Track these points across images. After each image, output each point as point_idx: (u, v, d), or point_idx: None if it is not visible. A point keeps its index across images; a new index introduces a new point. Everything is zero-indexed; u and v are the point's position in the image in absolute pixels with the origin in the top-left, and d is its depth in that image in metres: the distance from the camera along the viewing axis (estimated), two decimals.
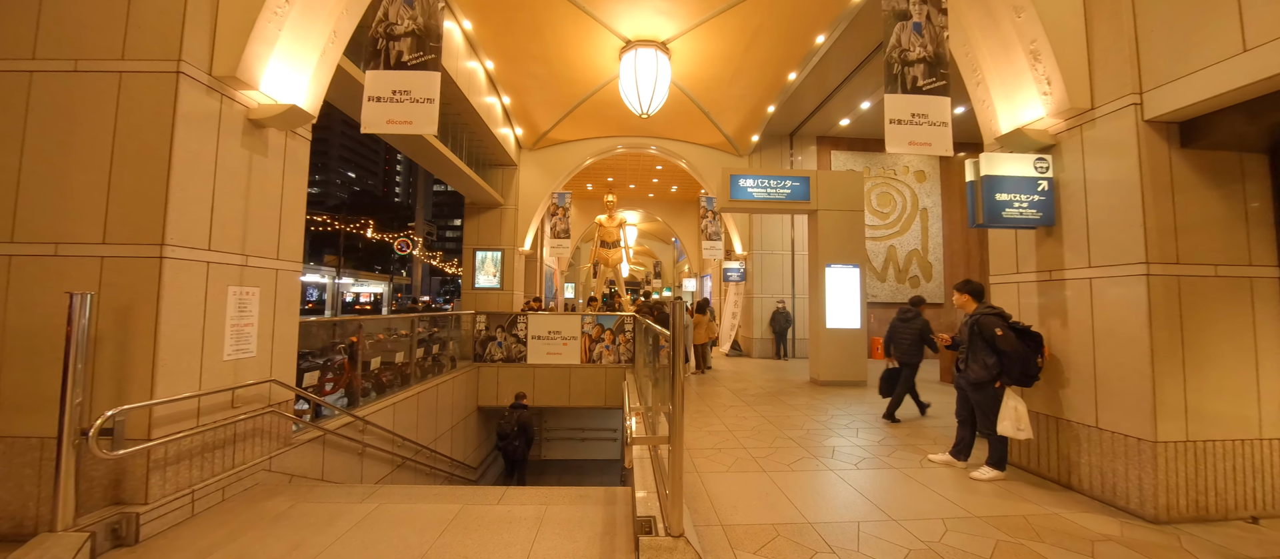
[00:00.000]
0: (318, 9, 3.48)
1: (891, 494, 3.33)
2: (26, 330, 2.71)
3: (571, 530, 2.76)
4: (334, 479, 4.25)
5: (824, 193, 8.00)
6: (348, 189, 65.47)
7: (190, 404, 2.92)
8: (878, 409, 5.97)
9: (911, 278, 12.39)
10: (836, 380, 7.65)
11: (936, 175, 12.71)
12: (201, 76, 2.99)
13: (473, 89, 9.18)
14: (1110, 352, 3.21)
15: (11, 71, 2.82)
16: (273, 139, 3.56)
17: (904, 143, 3.84)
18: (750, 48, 8.54)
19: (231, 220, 3.21)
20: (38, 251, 2.75)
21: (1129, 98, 3.14)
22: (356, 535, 2.71)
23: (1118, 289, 3.17)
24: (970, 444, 3.85)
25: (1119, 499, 3.11)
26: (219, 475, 3.10)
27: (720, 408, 6.09)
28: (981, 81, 4.08)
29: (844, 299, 7.83)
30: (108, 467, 2.66)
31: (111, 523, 2.52)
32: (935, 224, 12.58)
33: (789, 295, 12.23)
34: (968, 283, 3.88)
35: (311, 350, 4.73)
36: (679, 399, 2.28)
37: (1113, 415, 3.18)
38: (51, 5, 2.88)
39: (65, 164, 2.79)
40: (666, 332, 2.70)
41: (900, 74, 3.92)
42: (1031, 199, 3.66)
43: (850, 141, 12.53)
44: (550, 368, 8.62)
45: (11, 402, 2.69)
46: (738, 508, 3.08)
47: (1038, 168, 3.69)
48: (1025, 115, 3.76)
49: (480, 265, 12.52)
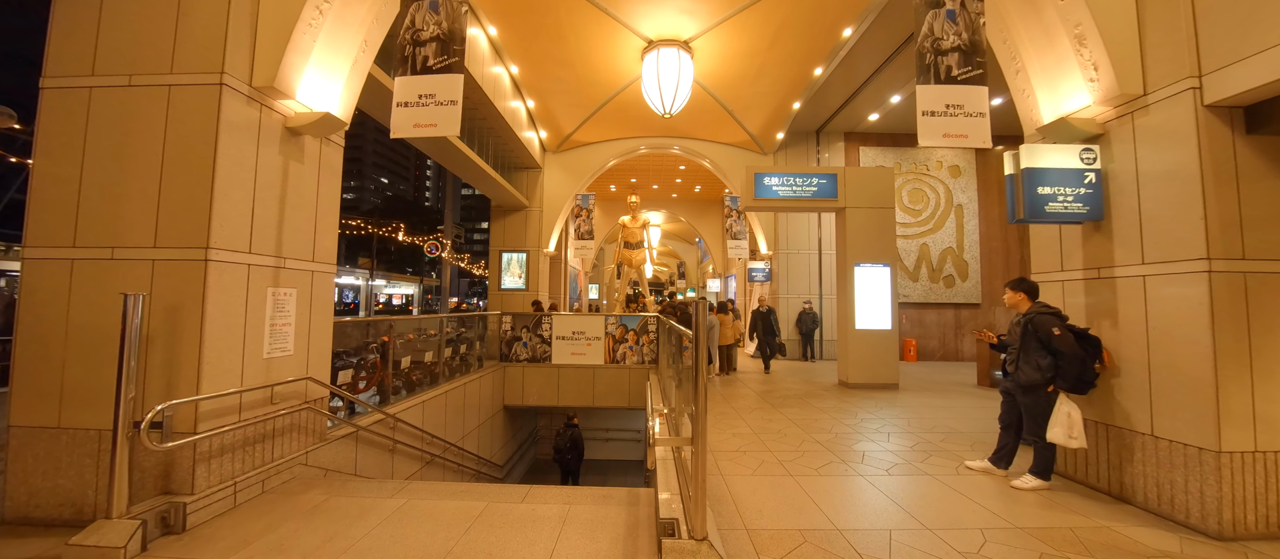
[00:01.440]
0: (349, 20, 3.60)
1: (926, 501, 3.20)
2: (87, 329, 2.90)
3: (594, 531, 2.76)
4: (366, 474, 4.39)
5: (852, 190, 7.79)
6: (381, 194, 67.80)
7: (233, 400, 3.06)
8: (912, 413, 5.77)
9: (945, 277, 11.94)
10: (866, 383, 7.43)
11: (972, 170, 12.21)
12: (242, 87, 3.13)
13: (498, 94, 9.35)
14: (1167, 355, 2.99)
15: (74, 88, 3.03)
16: (308, 146, 3.70)
17: (938, 135, 3.69)
18: (774, 43, 8.40)
19: (270, 224, 3.35)
20: (96, 255, 2.94)
21: (1186, 82, 2.93)
22: (386, 530, 2.78)
23: (1175, 287, 2.95)
24: (1013, 452, 3.66)
25: (1178, 513, 2.89)
26: (259, 468, 3.24)
27: (745, 410, 6.00)
28: (1021, 70, 3.88)
29: (874, 299, 7.60)
30: (158, 458, 2.81)
31: (161, 512, 2.66)
32: (971, 221, 12.08)
33: (816, 296, 11.98)
34: (1021, 281, 3.68)
35: (345, 350, 4.90)
36: (702, 400, 2.25)
37: (1171, 423, 2.96)
38: (109, 25, 3.08)
39: (120, 173, 2.97)
40: (690, 332, 2.67)
41: (933, 64, 3.77)
42: (1077, 192, 3.46)
43: (879, 137, 12.17)
44: (574, 368, 8.68)
45: (74, 396, 2.88)
46: (763, 512, 3.02)
47: (1084, 159, 3.48)
48: (1069, 104, 3.55)
49: (506, 267, 12.73)
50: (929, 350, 11.76)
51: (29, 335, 2.92)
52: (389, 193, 69.74)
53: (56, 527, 2.79)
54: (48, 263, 2.95)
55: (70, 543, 2.36)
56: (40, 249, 2.96)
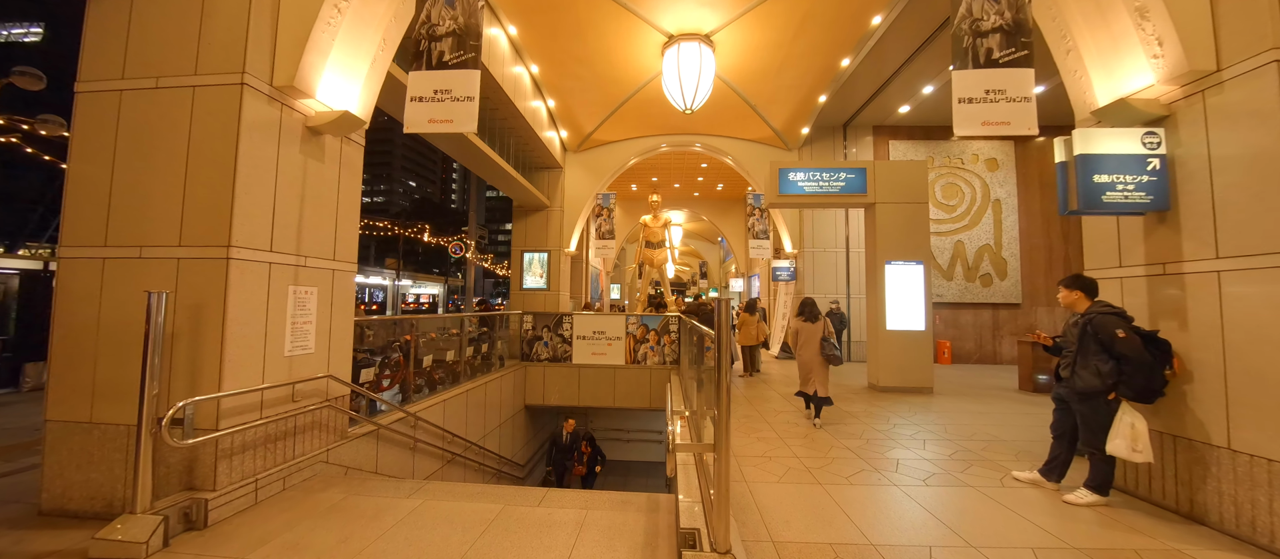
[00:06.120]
0: (368, 18, 3.59)
1: (969, 516, 2.96)
2: (117, 327, 2.96)
3: (611, 538, 2.65)
4: (387, 472, 4.39)
5: (882, 185, 7.47)
6: (409, 197, 69.63)
7: (254, 397, 3.08)
8: (949, 419, 5.46)
9: (982, 275, 11.38)
10: (898, 386, 7.10)
11: (1011, 163, 11.61)
12: (263, 87, 3.15)
13: (518, 94, 9.37)
14: (1247, 359, 2.68)
15: (105, 91, 3.10)
16: (329, 145, 3.71)
17: (976, 124, 3.44)
18: (799, 35, 8.13)
19: (291, 223, 3.36)
20: (125, 254, 2.99)
21: (1269, 54, 2.62)
22: (401, 531, 2.74)
23: (1256, 285, 2.64)
24: (1066, 464, 3.36)
25: (1260, 535, 2.59)
26: (280, 466, 3.25)
27: (770, 413, 5.79)
28: (1072, 49, 3.58)
29: (906, 298, 7.26)
30: (182, 454, 2.84)
31: (184, 507, 2.68)
32: (1010, 216, 11.48)
33: (843, 295, 11.59)
34: (1077, 278, 3.37)
35: (368, 348, 4.94)
36: (725, 404, 2.11)
37: (1251, 435, 2.65)
38: (138, 30, 3.14)
39: (148, 173, 3.02)
40: (712, 332, 2.53)
41: (971, 47, 3.52)
42: (1138, 180, 3.16)
43: (910, 130, 11.70)
44: (595, 368, 8.61)
45: (105, 391, 2.94)
46: (790, 523, 2.85)
47: (1146, 144, 3.18)
48: (1129, 84, 3.25)
49: (528, 267, 12.79)
50: (965, 353, 11.23)
51: (64, 332, 3.00)
52: (417, 195, 71.56)
53: (89, 519, 2.85)
54: (81, 262, 3.02)
55: (96, 537, 2.39)
56: (74, 249, 3.03)
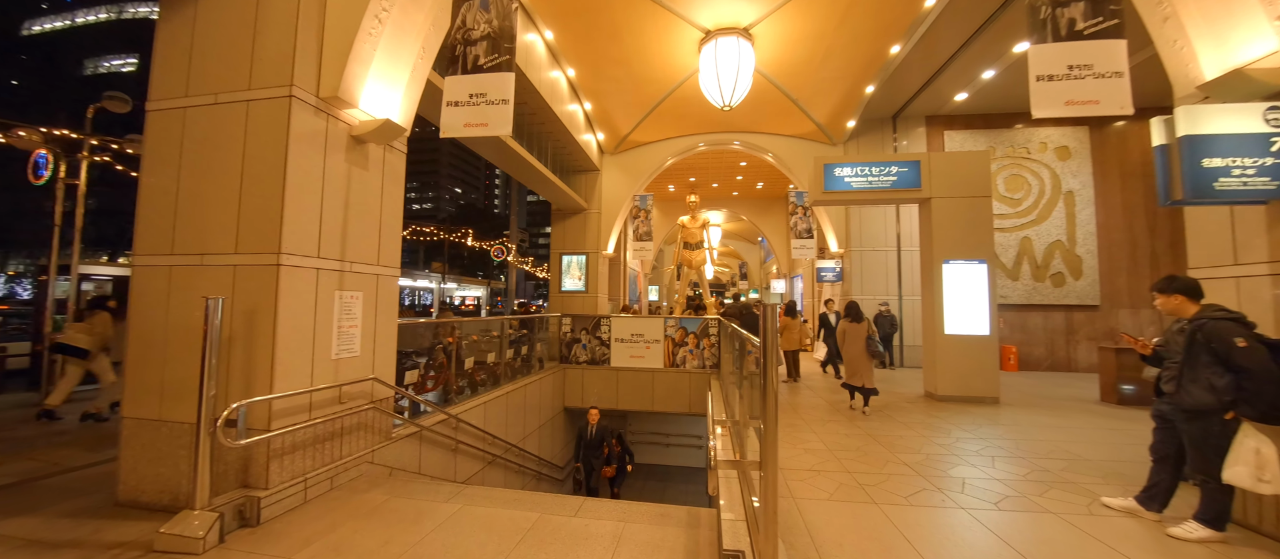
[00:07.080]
0: (407, 27, 3.66)
1: (1051, 547, 2.63)
2: (182, 330, 3.13)
3: (650, 555, 2.53)
4: (430, 473, 4.47)
5: (939, 178, 6.95)
6: (454, 204, 72.56)
7: (303, 399, 3.18)
8: (1020, 433, 4.98)
9: (1053, 275, 10.43)
10: (959, 396, 6.57)
11: (1085, 151, 10.58)
12: (310, 98, 3.25)
13: (555, 98, 9.44)
14: None
15: (171, 109, 3.30)
16: (372, 153, 3.81)
17: (1058, 104, 3.08)
18: (844, 22, 7.73)
19: (336, 230, 3.46)
20: (189, 261, 3.17)
21: None
22: (438, 536, 2.73)
23: None
24: (1170, 491, 2.92)
25: None
26: (328, 465, 3.34)
27: (816, 422, 5.49)
28: (1171, 16, 3.13)
29: (968, 300, 6.72)
30: (237, 453, 2.96)
31: (238, 505, 2.79)
32: (1085, 210, 10.46)
33: (895, 297, 10.94)
34: (1174, 279, 2.92)
35: (413, 350, 5.06)
36: (772, 418, 1.93)
37: None
38: (199, 49, 3.32)
39: (209, 184, 3.18)
40: (755, 338, 2.36)
41: (1050, 18, 3.16)
42: (1260, 163, 2.71)
43: (967, 119, 10.91)
44: (633, 371, 8.53)
45: (172, 391, 3.12)
46: (844, 547, 2.62)
47: (1270, 120, 2.72)
48: (1246, 52, 2.80)
49: (566, 269, 12.90)
50: (1034, 359, 10.32)
51: (137, 335, 3.21)
52: (461, 201, 74.46)
53: (158, 511, 3.01)
54: (151, 269, 3.22)
55: (161, 531, 2.52)
56: (145, 257, 3.24)
